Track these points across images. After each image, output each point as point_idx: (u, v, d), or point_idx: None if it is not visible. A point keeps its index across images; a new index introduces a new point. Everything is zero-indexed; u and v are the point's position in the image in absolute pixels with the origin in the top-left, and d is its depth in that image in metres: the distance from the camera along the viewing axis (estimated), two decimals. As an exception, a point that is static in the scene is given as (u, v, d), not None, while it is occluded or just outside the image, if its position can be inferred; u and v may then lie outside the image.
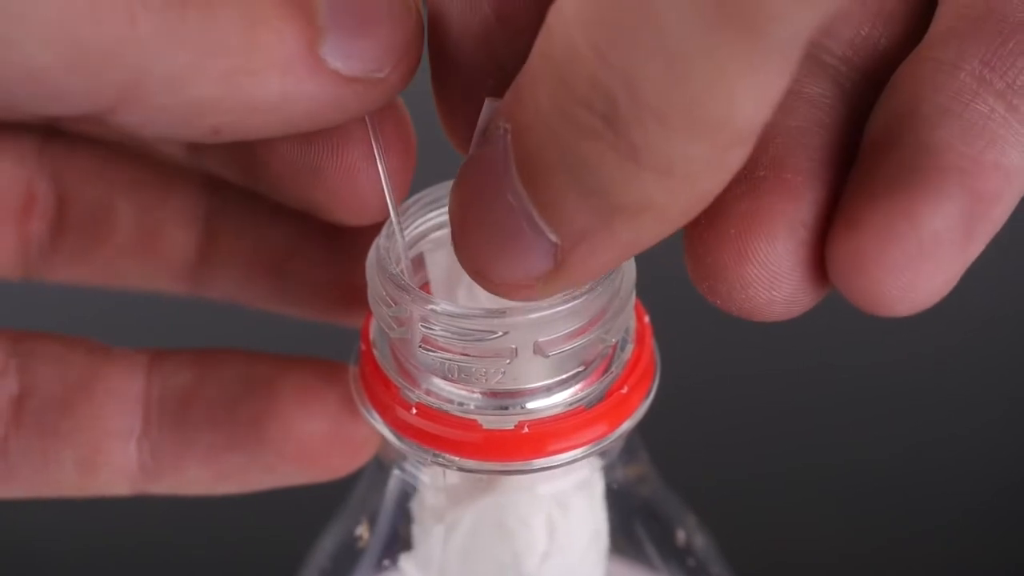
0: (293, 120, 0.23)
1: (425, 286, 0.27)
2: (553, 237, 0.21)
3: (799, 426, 0.54)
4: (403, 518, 0.29)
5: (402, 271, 0.26)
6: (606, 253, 0.21)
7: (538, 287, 0.22)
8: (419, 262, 0.27)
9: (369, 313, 0.27)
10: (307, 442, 0.28)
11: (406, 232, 0.26)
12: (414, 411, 0.26)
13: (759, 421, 0.54)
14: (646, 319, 0.27)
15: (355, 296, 0.29)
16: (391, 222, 0.26)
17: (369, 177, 0.26)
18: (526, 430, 0.25)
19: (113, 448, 0.28)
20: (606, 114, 0.19)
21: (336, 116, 0.23)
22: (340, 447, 0.28)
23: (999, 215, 0.23)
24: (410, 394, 0.26)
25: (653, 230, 0.21)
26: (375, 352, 0.27)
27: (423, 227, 0.27)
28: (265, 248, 0.30)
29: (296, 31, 0.22)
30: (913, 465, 0.52)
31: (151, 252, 0.30)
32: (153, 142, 0.27)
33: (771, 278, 0.23)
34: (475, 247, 0.22)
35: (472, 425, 0.25)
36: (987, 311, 0.56)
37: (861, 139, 0.24)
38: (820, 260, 0.23)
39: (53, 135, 0.29)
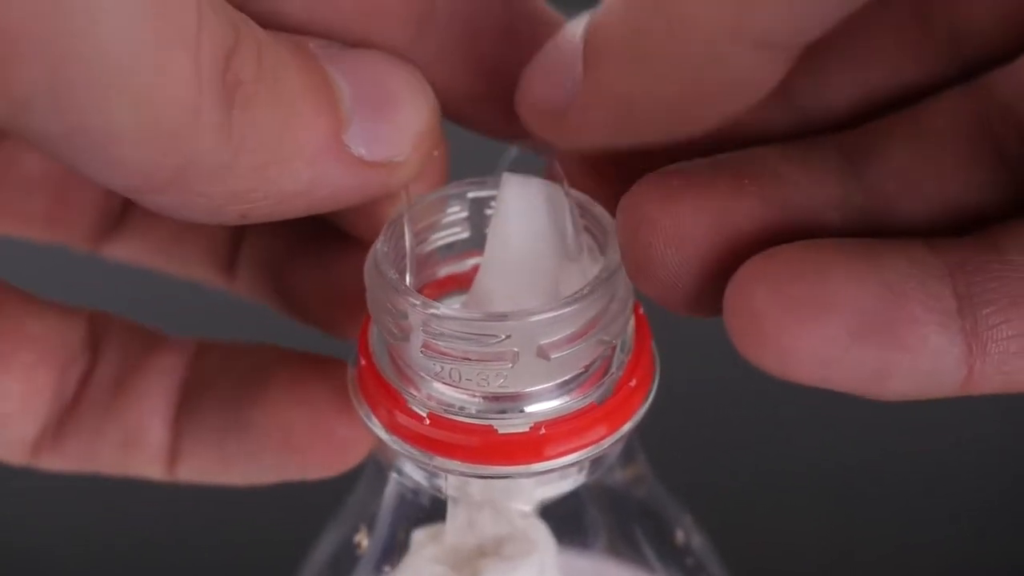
0: (317, 204, 0.24)
1: (424, 289, 0.27)
2: None
3: (797, 427, 0.54)
4: (402, 523, 0.29)
5: (402, 275, 0.26)
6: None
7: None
8: (423, 264, 0.27)
9: (365, 323, 0.27)
10: (289, 431, 0.28)
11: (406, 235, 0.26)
12: (427, 421, 0.26)
13: (756, 422, 0.54)
14: (640, 310, 0.27)
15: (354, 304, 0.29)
16: (390, 227, 0.26)
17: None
18: (543, 431, 0.25)
19: (152, 427, 0.29)
20: None
21: (358, 198, 0.25)
22: (322, 441, 0.29)
23: (896, 369, 0.22)
24: (417, 402, 0.26)
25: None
26: (375, 359, 0.26)
27: (425, 229, 0.27)
28: (274, 249, 0.31)
29: (323, 122, 0.24)
30: (912, 467, 0.52)
31: (194, 234, 0.31)
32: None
33: (678, 236, 0.23)
34: None
35: (487, 431, 0.25)
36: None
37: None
38: (725, 264, 0.23)
39: None
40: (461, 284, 0.28)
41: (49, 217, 0.30)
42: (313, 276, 0.30)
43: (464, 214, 0.27)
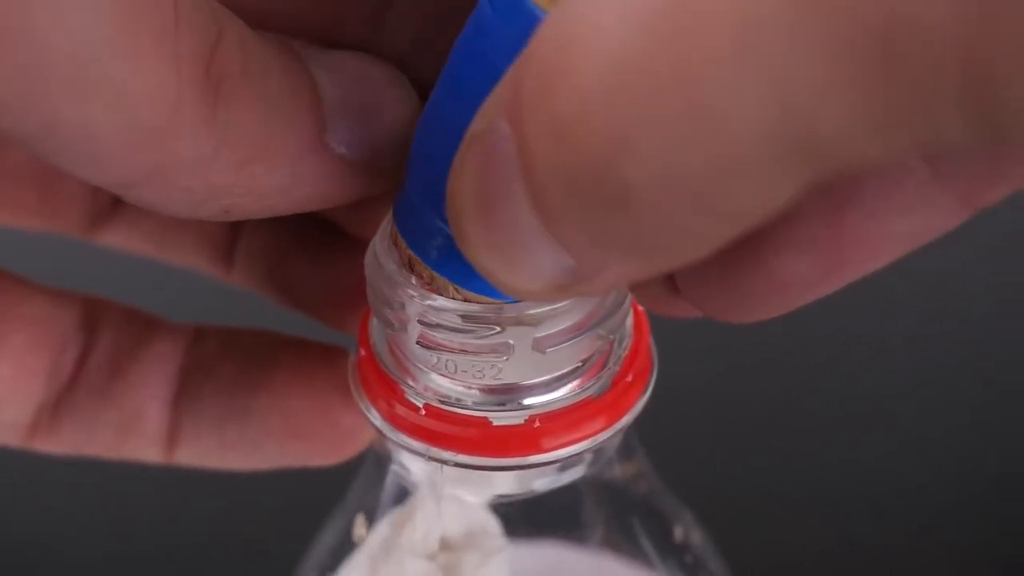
0: (299, 201, 0.24)
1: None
2: (568, 261, 0.19)
3: (795, 423, 0.54)
4: (401, 514, 0.29)
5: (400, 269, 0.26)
6: (627, 277, 0.19)
7: (548, 294, 0.20)
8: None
9: (366, 314, 0.27)
10: (291, 418, 0.29)
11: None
12: (423, 412, 0.26)
13: (755, 417, 0.54)
14: (638, 306, 0.28)
15: (354, 299, 0.29)
16: (390, 220, 0.26)
17: None
18: (537, 424, 0.26)
19: (150, 411, 0.29)
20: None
21: (340, 198, 0.25)
22: (325, 428, 0.29)
23: None
24: (414, 393, 0.26)
25: (687, 259, 0.19)
26: (375, 350, 0.27)
27: None
28: (272, 241, 0.31)
29: (306, 121, 0.23)
30: (908, 463, 0.53)
31: (190, 223, 0.31)
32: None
33: None
34: (478, 248, 0.20)
35: (481, 422, 0.25)
36: (979, 312, 0.57)
37: None
38: None
39: None
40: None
41: (41, 206, 0.30)
42: (313, 269, 0.30)
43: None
